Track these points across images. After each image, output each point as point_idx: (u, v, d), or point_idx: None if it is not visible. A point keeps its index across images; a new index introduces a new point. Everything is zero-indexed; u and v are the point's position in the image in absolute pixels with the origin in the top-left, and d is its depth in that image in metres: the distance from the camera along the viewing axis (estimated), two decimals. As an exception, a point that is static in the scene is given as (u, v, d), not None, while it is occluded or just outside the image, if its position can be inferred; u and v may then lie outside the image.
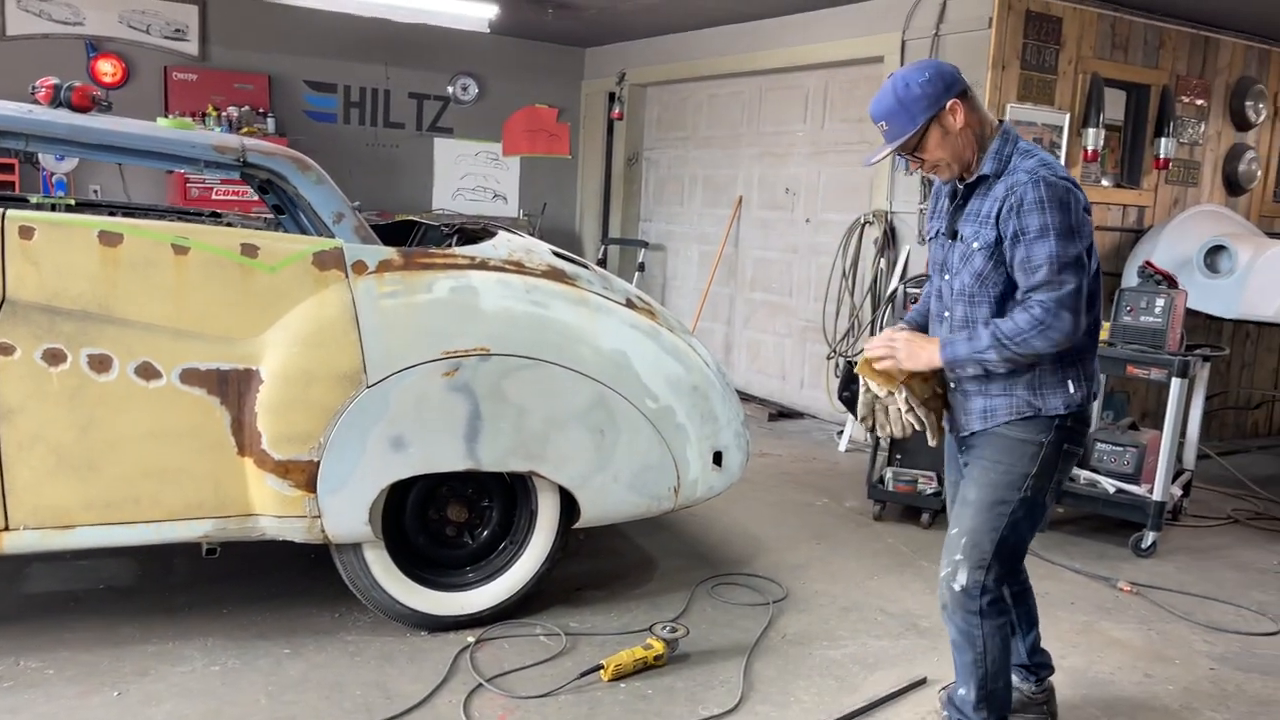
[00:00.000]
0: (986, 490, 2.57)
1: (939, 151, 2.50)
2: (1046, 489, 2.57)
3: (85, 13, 7.20)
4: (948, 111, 2.46)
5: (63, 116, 3.05)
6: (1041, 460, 2.54)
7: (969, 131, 2.49)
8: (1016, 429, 2.54)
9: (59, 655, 3.12)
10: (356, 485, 3.10)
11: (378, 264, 3.17)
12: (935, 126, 2.47)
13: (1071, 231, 2.38)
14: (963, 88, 2.49)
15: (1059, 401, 2.52)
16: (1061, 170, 2.44)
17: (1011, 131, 2.53)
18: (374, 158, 8.37)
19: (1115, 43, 5.98)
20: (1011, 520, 2.55)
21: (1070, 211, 2.39)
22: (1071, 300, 2.39)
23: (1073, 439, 2.59)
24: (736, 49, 7.40)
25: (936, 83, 2.46)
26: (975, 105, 2.51)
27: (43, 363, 2.82)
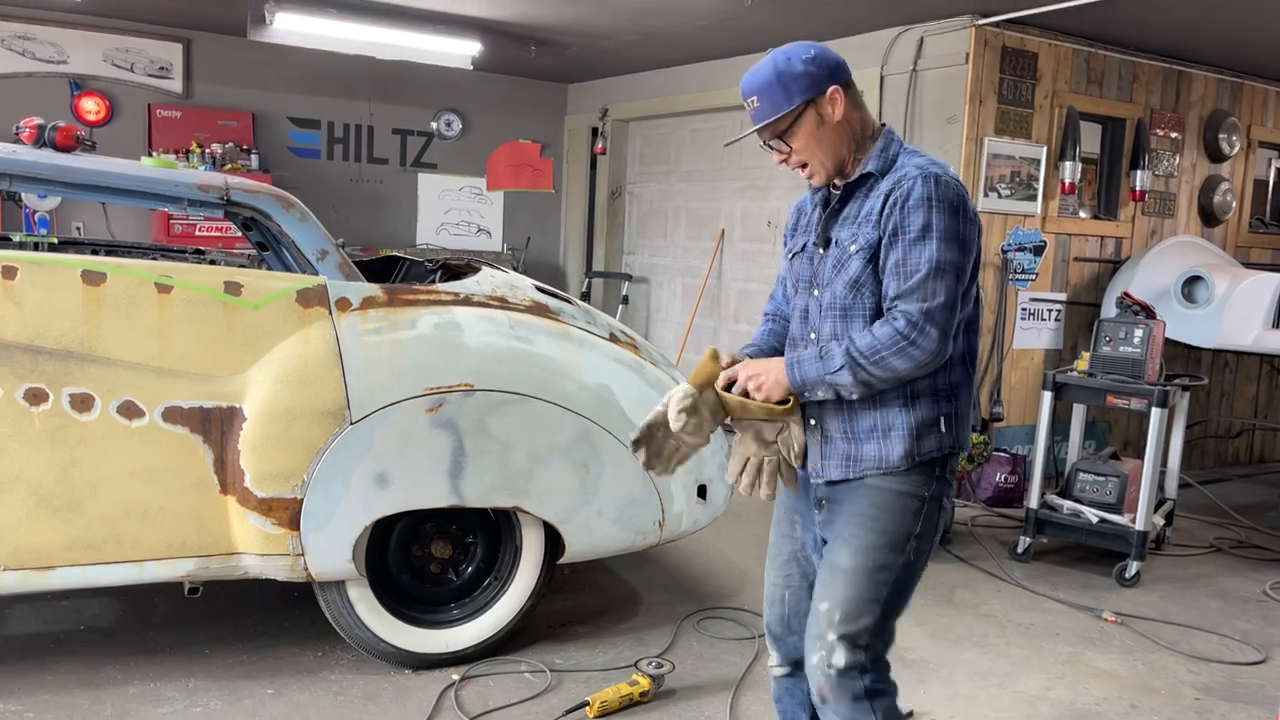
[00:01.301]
0: (861, 554, 2.16)
1: (809, 143, 2.17)
2: (929, 551, 2.23)
3: (69, 51, 7.22)
4: (828, 98, 2.14)
5: (46, 156, 3.06)
6: (924, 518, 2.18)
7: (846, 128, 2.17)
8: (893, 481, 2.16)
9: (39, 698, 3.08)
10: (340, 523, 3.09)
11: (361, 301, 3.18)
12: (811, 113, 2.14)
13: (957, 239, 2.06)
14: (848, 78, 2.18)
15: (933, 444, 2.16)
16: (954, 173, 2.15)
17: (895, 134, 2.24)
18: (358, 193, 8.40)
19: (1090, 77, 6.08)
20: (894, 588, 2.17)
21: (959, 217, 2.08)
22: (942, 316, 2.04)
23: (950, 492, 2.27)
24: (718, 84, 7.48)
25: (822, 63, 2.14)
26: (858, 101, 2.20)
27: (24, 403, 2.81)
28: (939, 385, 2.17)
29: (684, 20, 6.22)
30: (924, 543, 2.21)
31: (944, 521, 2.29)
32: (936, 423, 2.16)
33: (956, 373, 2.19)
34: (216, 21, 7.15)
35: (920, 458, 2.14)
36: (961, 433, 2.21)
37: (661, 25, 6.42)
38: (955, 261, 2.06)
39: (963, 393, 2.21)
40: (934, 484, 2.18)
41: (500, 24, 6.64)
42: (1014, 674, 3.61)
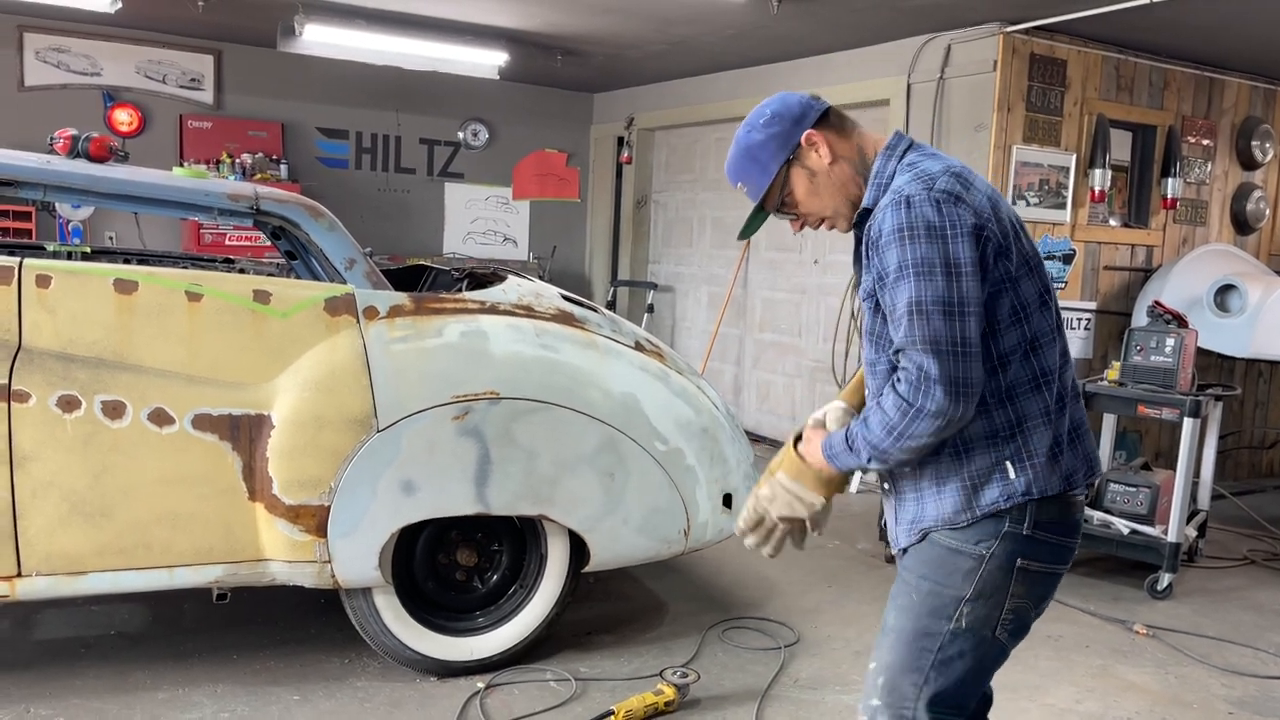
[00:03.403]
0: (907, 616, 1.94)
1: (814, 201, 1.97)
2: (995, 621, 1.88)
3: (102, 64, 7.33)
4: (806, 148, 1.94)
5: (80, 167, 3.10)
6: (981, 580, 1.86)
7: (844, 165, 1.94)
8: (949, 535, 1.90)
9: (69, 703, 3.11)
10: (367, 530, 3.10)
11: (389, 309, 3.20)
12: (797, 170, 1.95)
13: (940, 267, 1.75)
14: (820, 112, 1.96)
15: (996, 493, 1.85)
16: (943, 182, 1.80)
17: (900, 143, 1.94)
18: (385, 203, 8.45)
19: (1120, 84, 6.03)
20: (940, 659, 1.89)
21: (942, 239, 1.75)
22: (939, 368, 1.74)
23: (1035, 550, 1.87)
24: (743, 93, 7.48)
25: (783, 117, 1.95)
26: (846, 129, 1.97)
27: (57, 409, 2.85)
28: (997, 425, 1.86)
29: (711, 29, 6.23)
30: (983, 609, 1.87)
31: (1029, 589, 1.90)
32: (997, 469, 1.86)
33: (1021, 404, 1.87)
34: (247, 34, 7.23)
35: (982, 511, 1.86)
36: (1044, 474, 1.86)
37: (689, 34, 6.43)
38: (940, 297, 1.75)
39: (1034, 425, 1.87)
40: (998, 541, 1.86)
41: (527, 34, 6.67)
42: (1043, 687, 3.56)
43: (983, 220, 1.80)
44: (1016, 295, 1.85)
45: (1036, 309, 1.88)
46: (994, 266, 1.81)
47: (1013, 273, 1.84)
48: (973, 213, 1.79)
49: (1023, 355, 1.87)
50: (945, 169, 1.85)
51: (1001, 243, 1.83)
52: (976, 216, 1.79)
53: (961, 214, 1.78)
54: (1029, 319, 1.87)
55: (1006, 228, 1.85)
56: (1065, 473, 1.88)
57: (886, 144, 1.95)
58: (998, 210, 1.86)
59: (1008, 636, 1.92)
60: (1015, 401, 1.87)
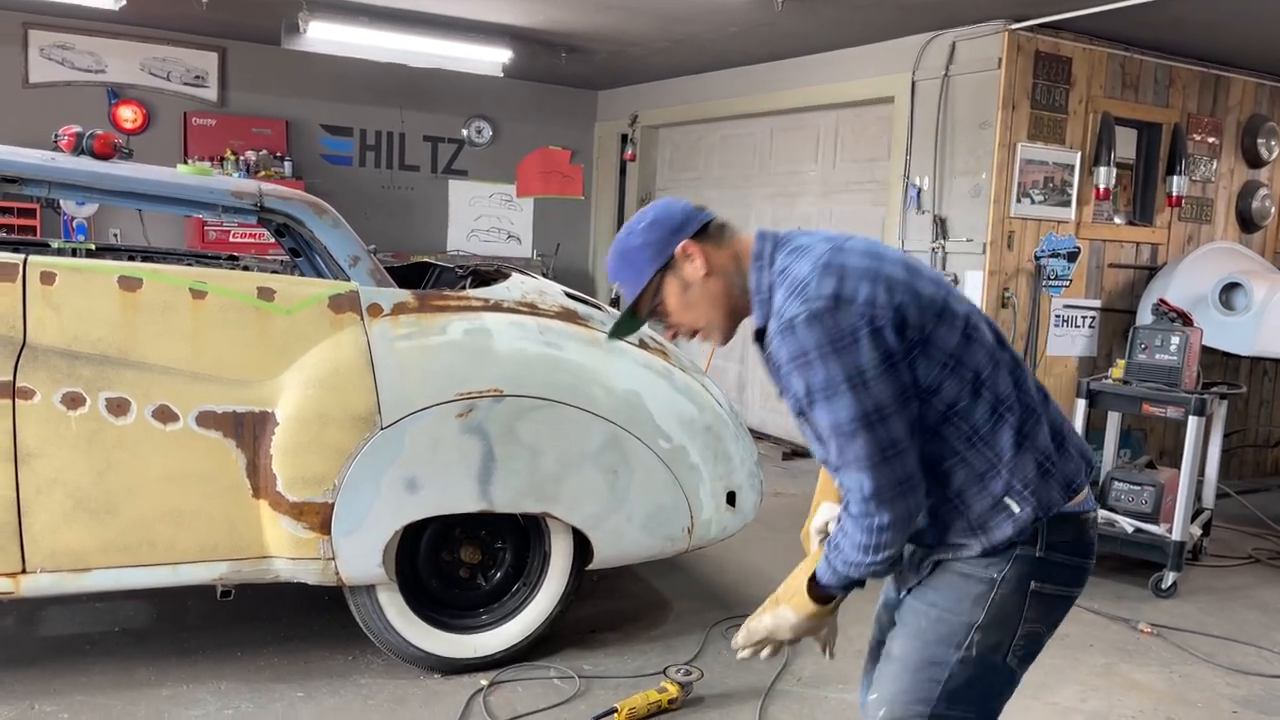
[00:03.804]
0: (914, 644, 1.87)
1: (686, 313, 1.91)
2: (1007, 647, 1.83)
3: (107, 61, 7.34)
4: (681, 258, 1.87)
5: (84, 164, 3.10)
6: (993, 605, 1.81)
7: (719, 279, 1.87)
8: (961, 561, 1.86)
9: (74, 699, 3.12)
10: (371, 527, 3.10)
11: (393, 306, 3.20)
12: (670, 279, 1.89)
13: (847, 382, 1.70)
14: (701, 223, 1.90)
15: (1008, 530, 1.80)
16: (815, 288, 1.72)
17: (766, 250, 1.86)
18: (389, 200, 8.45)
19: (1126, 82, 6.01)
20: (948, 689, 1.82)
21: (837, 353, 1.70)
22: (875, 481, 1.72)
23: (1049, 573, 1.83)
24: (748, 90, 7.47)
25: (661, 225, 1.89)
26: (725, 240, 1.90)
27: (62, 406, 2.85)
28: (979, 469, 1.81)
29: (715, 26, 6.22)
30: (994, 635, 1.82)
31: (1042, 614, 1.84)
32: (998, 508, 1.81)
33: (992, 440, 1.81)
34: (251, 31, 7.24)
35: (999, 546, 1.81)
36: (1043, 493, 1.81)
37: (692, 31, 6.42)
38: (855, 413, 1.70)
39: (1014, 454, 1.81)
40: (1010, 564, 1.81)
41: (531, 31, 6.67)
42: (1047, 685, 3.56)
43: (869, 308, 1.72)
44: (938, 346, 1.78)
45: (964, 347, 1.80)
46: (901, 341, 1.73)
47: (926, 329, 1.76)
48: (856, 309, 1.71)
49: (971, 395, 1.79)
50: (814, 265, 1.76)
51: (899, 315, 1.74)
52: (861, 311, 1.71)
53: (845, 318, 1.71)
54: (962, 359, 1.79)
55: (898, 293, 1.76)
56: (1064, 481, 1.84)
57: (753, 253, 1.87)
58: (881, 278, 1.76)
59: (1018, 662, 1.86)
60: (985, 440, 1.81)
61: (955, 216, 5.88)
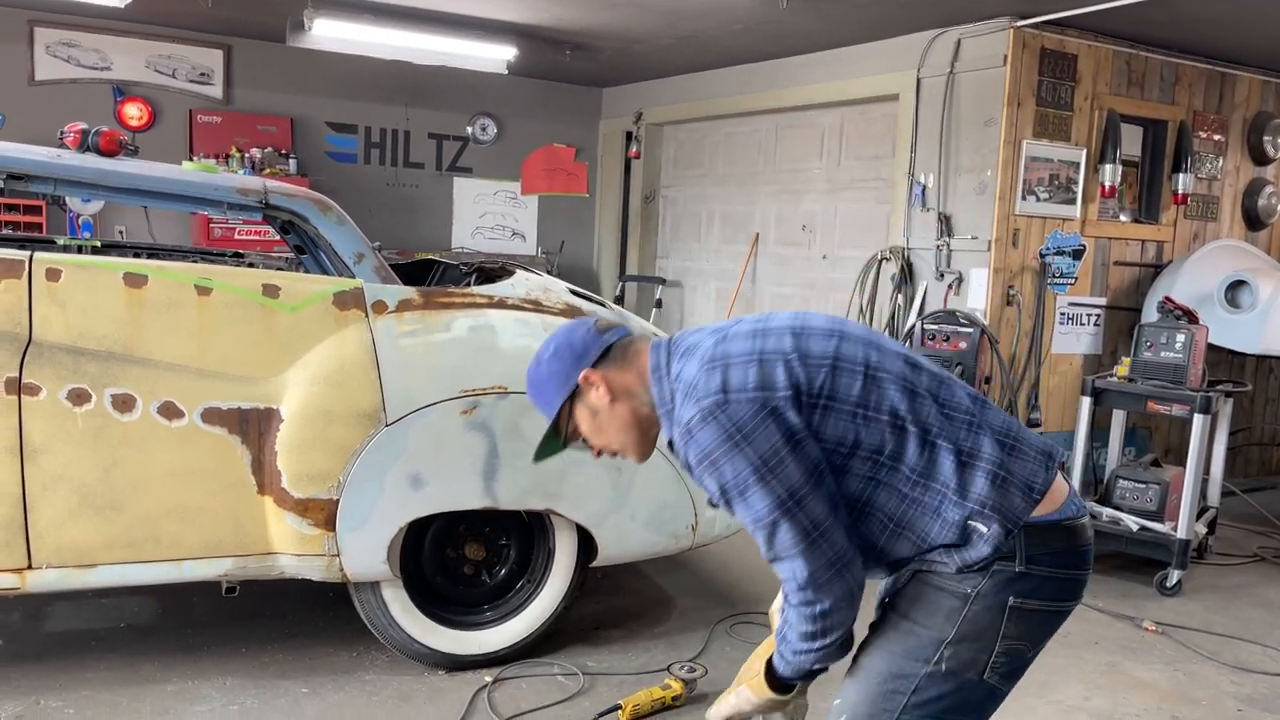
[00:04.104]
0: (881, 654, 1.84)
1: (600, 436, 1.92)
2: (983, 664, 1.76)
3: (113, 58, 7.35)
4: (585, 387, 1.87)
5: (90, 161, 3.11)
6: (966, 621, 1.74)
7: (627, 403, 1.87)
8: (935, 575, 1.80)
9: (79, 694, 3.13)
10: (375, 524, 3.11)
11: (397, 303, 3.20)
12: (579, 406, 1.90)
13: (754, 473, 1.68)
14: (603, 348, 1.89)
15: (984, 549, 1.73)
16: (703, 387, 1.73)
17: (661, 361, 1.85)
18: (394, 197, 8.46)
19: (1131, 79, 5.99)
20: (914, 703, 1.77)
21: (737, 446, 1.68)
22: (807, 567, 1.70)
23: (1032, 587, 1.75)
24: (753, 87, 7.46)
25: (563, 355, 1.89)
26: (628, 361, 1.88)
27: (67, 403, 2.86)
28: (933, 503, 1.76)
29: (720, 24, 6.21)
30: (968, 651, 1.75)
31: (1024, 630, 1.76)
32: (967, 533, 1.75)
33: (934, 472, 1.75)
34: (256, 28, 7.24)
35: (975, 565, 1.75)
36: (1005, 505, 1.74)
37: (697, 29, 6.41)
38: (770, 502, 1.68)
39: (960, 477, 1.75)
40: (985, 578, 1.74)
41: (535, 29, 6.66)
42: (1050, 683, 3.56)
43: (758, 393, 1.70)
44: (842, 399, 1.74)
45: (870, 390, 1.75)
46: (800, 413, 1.71)
47: (824, 387, 1.73)
48: (745, 397, 1.70)
49: (895, 435, 1.74)
50: (700, 363, 1.77)
51: (790, 387, 1.72)
52: (751, 398, 1.70)
53: (737, 409, 1.69)
54: (872, 403, 1.75)
55: (785, 365, 1.74)
56: (1023, 485, 1.76)
57: (650, 367, 1.86)
58: (766, 356, 1.75)
59: (1000, 679, 1.79)
60: (926, 474, 1.75)
61: (960, 214, 5.87)
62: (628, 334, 1.94)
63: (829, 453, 1.74)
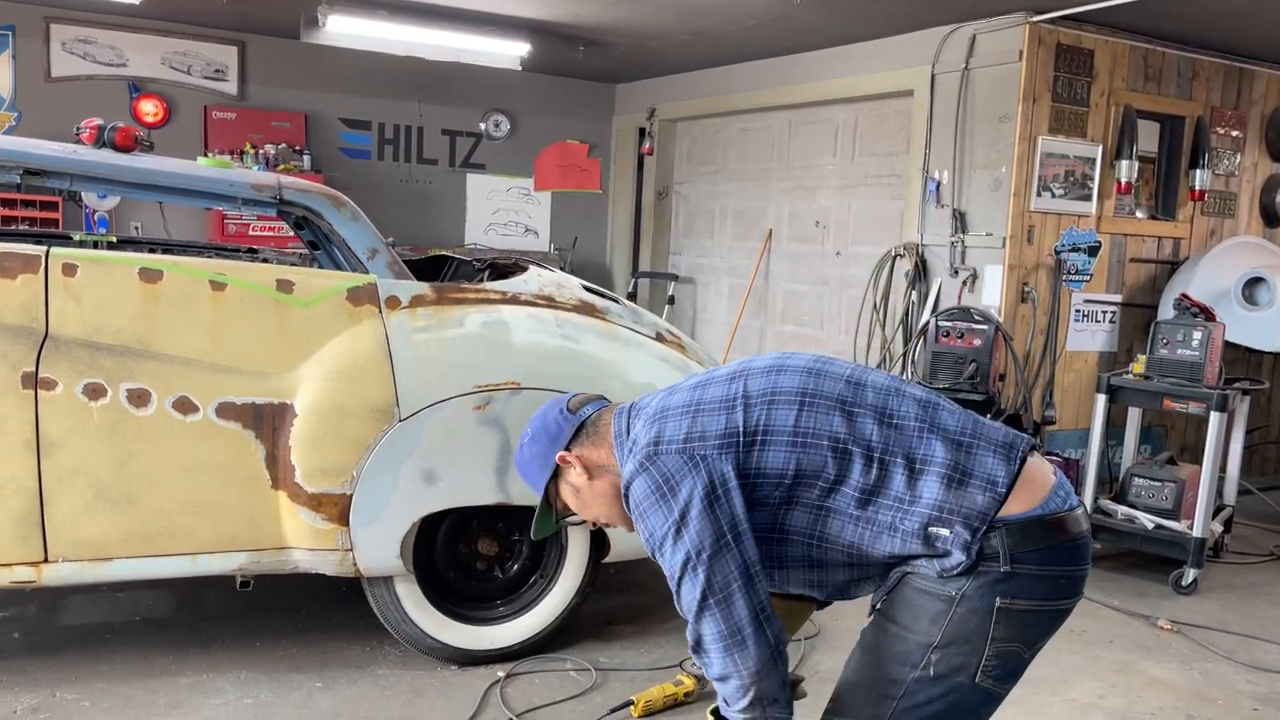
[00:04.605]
0: (869, 660, 1.80)
1: (586, 510, 1.96)
2: (974, 668, 1.71)
3: (128, 55, 7.38)
4: (564, 467, 1.92)
5: (106, 157, 3.12)
6: (951, 625, 1.70)
7: (603, 477, 1.90)
8: (919, 578, 1.75)
9: (95, 687, 3.15)
10: (389, 518, 3.12)
11: (411, 299, 3.21)
12: (563, 485, 1.95)
13: (669, 527, 1.70)
14: (575, 428, 1.92)
15: (958, 556, 1.69)
16: (643, 441, 1.79)
17: (623, 426, 1.89)
18: (407, 193, 8.47)
19: (1148, 75, 5.95)
20: (904, 707, 1.73)
21: (660, 497, 1.71)
22: (694, 632, 1.72)
23: (1020, 587, 1.69)
24: (767, 83, 7.44)
25: (540, 439, 1.95)
26: (599, 436, 1.91)
27: (83, 397, 2.87)
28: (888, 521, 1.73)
29: (733, 19, 6.20)
30: (954, 658, 1.70)
31: (1015, 632, 1.71)
32: (934, 541, 1.71)
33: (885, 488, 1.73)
34: (271, 24, 7.26)
35: (953, 570, 1.71)
36: (966, 505, 1.69)
37: (711, 25, 6.40)
38: (684, 556, 1.69)
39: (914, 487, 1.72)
40: (970, 579, 1.69)
41: (549, 25, 6.66)
42: (1065, 681, 3.54)
43: (686, 444, 1.74)
44: (779, 430, 1.75)
45: (804, 417, 1.76)
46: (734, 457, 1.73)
47: (760, 423, 1.76)
48: (674, 448, 1.74)
49: (837, 459, 1.73)
50: (646, 422, 1.82)
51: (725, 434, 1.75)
52: (679, 449, 1.74)
53: (667, 460, 1.74)
54: (808, 429, 1.75)
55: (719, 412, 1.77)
56: (984, 480, 1.71)
57: (614, 435, 1.90)
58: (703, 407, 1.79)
59: (992, 682, 1.74)
60: (877, 491, 1.73)
61: (975, 210, 5.84)
62: (602, 406, 1.98)
63: (773, 486, 1.73)
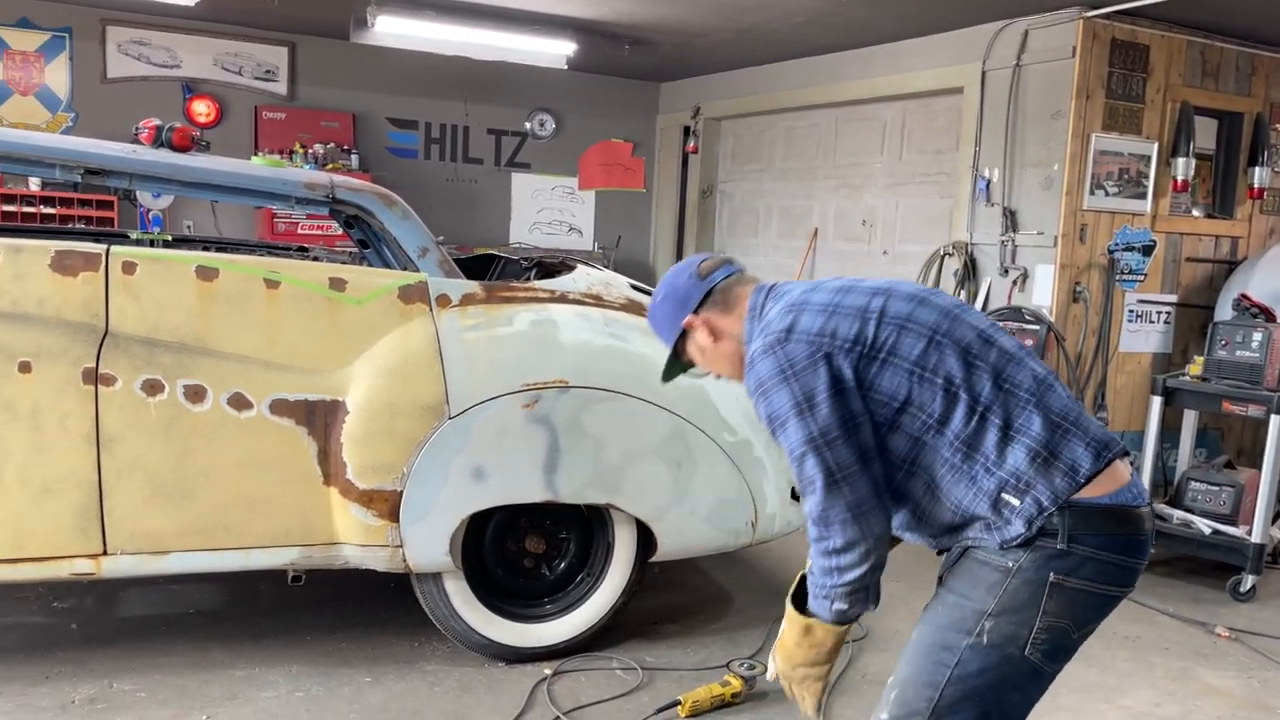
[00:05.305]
0: (929, 627, 1.91)
1: (711, 366, 2.14)
2: (1024, 640, 1.79)
3: (182, 56, 7.50)
4: (690, 330, 2.09)
5: (164, 156, 3.17)
6: (1006, 594, 1.79)
7: (728, 341, 2.05)
8: (980, 550, 1.86)
9: (151, 678, 3.20)
10: (438, 515, 3.14)
11: (461, 297, 3.23)
12: (690, 343, 2.11)
13: (795, 409, 1.82)
14: (703, 294, 2.05)
15: (1019, 526, 1.79)
16: (776, 324, 1.90)
17: (758, 303, 2.02)
18: (453, 192, 8.53)
19: (1205, 70, 5.83)
20: (957, 676, 1.80)
21: (784, 379, 1.83)
22: (825, 502, 1.82)
23: (1075, 566, 1.77)
24: (813, 81, 7.39)
25: (670, 301, 2.10)
26: (730, 302, 2.05)
27: (141, 393, 2.92)
28: (970, 472, 1.84)
29: (780, 16, 6.16)
30: (1008, 625, 1.79)
31: (1068, 609, 1.79)
32: (1001, 506, 1.81)
33: (979, 443, 1.83)
34: (320, 25, 7.34)
35: (1013, 541, 1.81)
36: (1044, 484, 1.79)
37: (757, 22, 6.37)
38: (804, 437, 1.82)
39: (1002, 451, 1.82)
40: (1027, 553, 1.78)
41: (595, 23, 6.67)
42: (1120, 689, 3.48)
43: (818, 338, 1.85)
44: (903, 357, 1.85)
45: (929, 354, 1.85)
46: (855, 366, 1.84)
47: (887, 344, 1.85)
48: (805, 339, 1.86)
49: (946, 400, 1.84)
50: (782, 308, 1.94)
51: (856, 340, 1.85)
52: (809, 340, 1.85)
53: (795, 348, 1.85)
54: (929, 366, 1.85)
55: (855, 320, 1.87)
56: (1067, 467, 1.80)
57: (748, 308, 2.03)
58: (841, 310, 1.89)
59: (1041, 657, 1.81)
60: (969, 443, 1.84)
61: (1025, 209, 5.75)
62: (733, 273, 2.10)
63: (881, 405, 1.85)
